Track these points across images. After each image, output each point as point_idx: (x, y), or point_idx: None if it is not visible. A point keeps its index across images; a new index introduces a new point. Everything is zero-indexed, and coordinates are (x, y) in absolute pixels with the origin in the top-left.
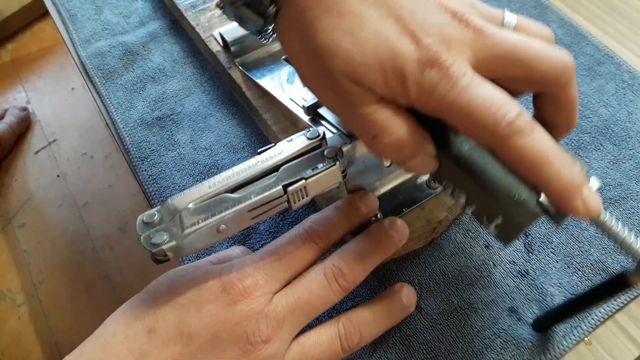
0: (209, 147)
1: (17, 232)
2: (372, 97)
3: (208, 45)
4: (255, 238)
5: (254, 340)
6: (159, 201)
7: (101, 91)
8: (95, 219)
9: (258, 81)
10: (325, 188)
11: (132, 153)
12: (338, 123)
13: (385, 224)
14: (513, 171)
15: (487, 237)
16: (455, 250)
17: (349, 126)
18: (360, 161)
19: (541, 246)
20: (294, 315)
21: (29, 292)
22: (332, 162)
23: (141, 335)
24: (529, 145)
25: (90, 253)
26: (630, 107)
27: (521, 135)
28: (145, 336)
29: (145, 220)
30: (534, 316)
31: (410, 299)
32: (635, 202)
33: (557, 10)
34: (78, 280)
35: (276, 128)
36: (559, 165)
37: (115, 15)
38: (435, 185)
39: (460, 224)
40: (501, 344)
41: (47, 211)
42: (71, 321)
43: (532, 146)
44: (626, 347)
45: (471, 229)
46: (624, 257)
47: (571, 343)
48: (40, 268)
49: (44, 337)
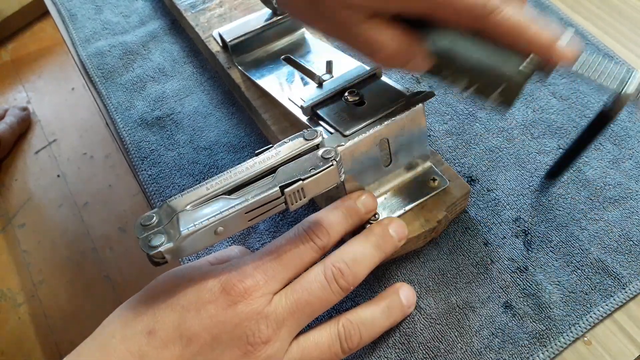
0: (208, 146)
1: (17, 232)
2: (362, 16)
3: (207, 45)
4: (255, 237)
5: (254, 342)
6: (159, 201)
7: (101, 91)
8: (95, 219)
9: (257, 81)
10: (323, 189)
11: (132, 153)
12: (336, 123)
13: (384, 223)
14: (498, 47)
15: (486, 235)
16: (453, 249)
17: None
18: (359, 161)
19: (540, 245)
20: (294, 316)
21: (29, 292)
22: (329, 163)
23: (140, 336)
24: (508, 17)
25: (90, 253)
26: (629, 107)
27: (499, 11)
28: (145, 337)
29: (143, 223)
30: (530, 311)
31: (409, 299)
32: (635, 202)
33: (557, 10)
34: (78, 280)
35: (275, 128)
36: (536, 27)
37: (115, 15)
38: (435, 185)
39: (459, 222)
40: (499, 344)
41: (47, 211)
42: (71, 321)
43: (509, 17)
44: (626, 347)
45: (470, 227)
46: (624, 257)
47: (569, 340)
48: (40, 268)
49: (44, 337)
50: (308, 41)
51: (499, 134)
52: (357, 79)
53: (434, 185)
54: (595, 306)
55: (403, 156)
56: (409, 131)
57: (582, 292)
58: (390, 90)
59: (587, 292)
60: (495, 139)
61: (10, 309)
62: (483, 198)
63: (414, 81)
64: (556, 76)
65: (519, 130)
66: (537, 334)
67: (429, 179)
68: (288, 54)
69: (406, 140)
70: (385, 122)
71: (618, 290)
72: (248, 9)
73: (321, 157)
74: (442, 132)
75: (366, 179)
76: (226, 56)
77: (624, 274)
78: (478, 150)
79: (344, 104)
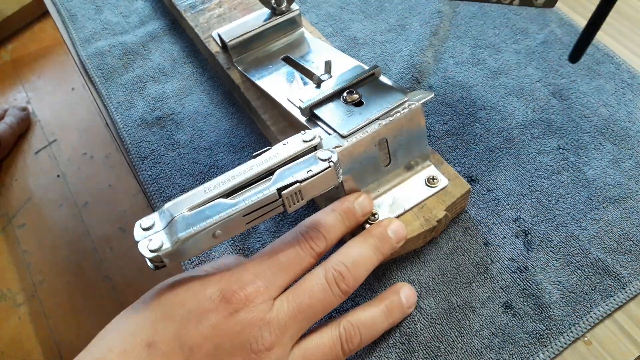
0: (208, 146)
1: (17, 232)
2: None
3: (207, 45)
4: (255, 237)
5: (257, 349)
6: (159, 201)
7: (101, 91)
8: (95, 219)
9: (256, 82)
10: (321, 191)
11: (132, 153)
12: (334, 124)
13: (383, 225)
14: None
15: (486, 235)
16: (454, 249)
17: None
18: (358, 162)
19: (540, 245)
20: (296, 321)
21: (29, 292)
22: (326, 165)
23: (140, 349)
24: None
25: (90, 253)
26: (629, 107)
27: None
28: (145, 350)
29: (142, 227)
30: (530, 311)
31: (410, 299)
32: (635, 202)
33: (557, 10)
34: (78, 280)
35: (275, 128)
36: None
37: (115, 15)
38: (435, 185)
39: (459, 222)
40: (499, 344)
41: (47, 211)
42: (71, 321)
43: None
44: (626, 347)
45: (470, 227)
46: (624, 257)
47: (569, 340)
48: (40, 268)
49: (44, 337)
50: (307, 40)
51: (499, 134)
52: (355, 79)
53: (433, 185)
54: (595, 306)
55: (402, 156)
56: (408, 131)
57: (582, 292)
58: (389, 90)
59: (587, 292)
60: (495, 139)
61: (10, 309)
62: (483, 198)
63: (413, 81)
64: (556, 76)
65: (519, 130)
66: (538, 334)
67: (428, 179)
68: (287, 54)
69: (405, 140)
70: (383, 122)
71: (618, 290)
72: (247, 9)
73: (319, 158)
74: (442, 132)
75: (365, 179)
76: (226, 56)
77: (624, 274)
78: (478, 150)
79: (342, 104)
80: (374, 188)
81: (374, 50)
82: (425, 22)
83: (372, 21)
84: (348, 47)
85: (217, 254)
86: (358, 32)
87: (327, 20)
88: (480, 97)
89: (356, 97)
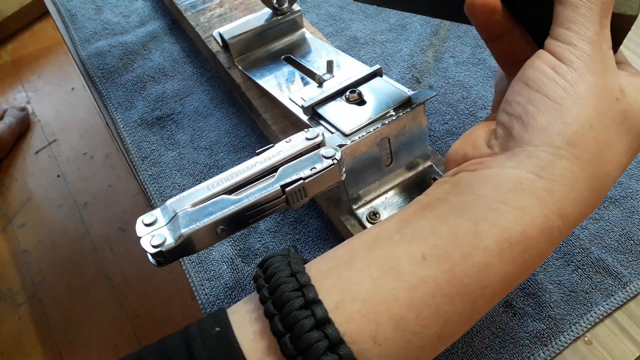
0: (209, 146)
1: (17, 232)
2: None
3: (208, 45)
4: (256, 237)
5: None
6: (159, 201)
7: (101, 91)
8: (95, 219)
9: (257, 81)
10: (324, 188)
11: (132, 153)
12: (336, 123)
13: None
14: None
15: None
16: None
17: None
18: (360, 161)
19: None
20: None
21: (29, 292)
22: (330, 162)
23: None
24: None
25: (90, 253)
26: None
27: None
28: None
29: (144, 222)
30: (531, 310)
31: None
32: (635, 201)
33: None
34: (78, 280)
35: (276, 128)
36: None
37: (115, 15)
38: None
39: None
40: (500, 344)
41: (47, 211)
42: (71, 321)
43: None
44: (626, 347)
45: None
46: (624, 256)
47: (569, 339)
48: (40, 268)
49: (44, 337)
50: (308, 41)
51: None
52: (357, 79)
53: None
54: (595, 305)
55: (404, 156)
56: (409, 130)
57: (582, 291)
58: (391, 89)
59: (587, 292)
60: None
61: (10, 309)
62: None
63: (414, 81)
64: None
65: None
66: (538, 334)
67: (430, 178)
68: (288, 53)
69: (407, 139)
70: (385, 122)
71: (619, 289)
72: (248, 9)
73: (322, 156)
74: (442, 132)
75: (367, 179)
76: (226, 56)
77: (624, 273)
78: None
79: (344, 103)
80: (375, 187)
81: (374, 50)
82: (425, 22)
83: (372, 21)
84: (348, 47)
85: (218, 254)
86: (358, 31)
87: (328, 20)
88: (481, 96)
89: (358, 97)
